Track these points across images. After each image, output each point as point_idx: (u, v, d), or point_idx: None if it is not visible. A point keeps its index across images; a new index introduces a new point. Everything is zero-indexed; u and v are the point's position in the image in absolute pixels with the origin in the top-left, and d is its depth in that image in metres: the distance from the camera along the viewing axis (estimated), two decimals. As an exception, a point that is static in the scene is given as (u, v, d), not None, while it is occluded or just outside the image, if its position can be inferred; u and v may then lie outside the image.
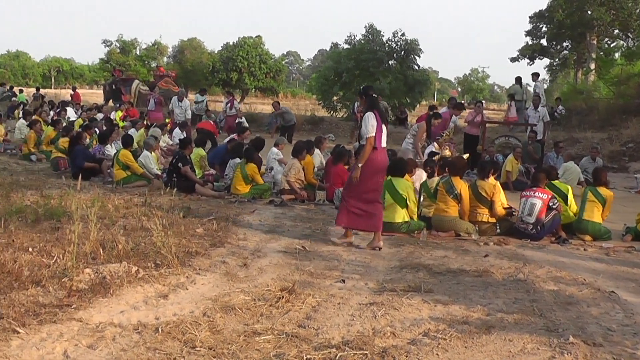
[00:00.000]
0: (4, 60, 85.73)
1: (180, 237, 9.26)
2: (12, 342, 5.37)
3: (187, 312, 6.38)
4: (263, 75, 65.92)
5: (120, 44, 75.83)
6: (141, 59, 75.04)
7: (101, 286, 6.90)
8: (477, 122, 20.89)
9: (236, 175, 14.02)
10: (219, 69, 65.95)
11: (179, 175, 14.28)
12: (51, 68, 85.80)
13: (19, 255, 7.77)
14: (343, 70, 37.35)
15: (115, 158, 15.30)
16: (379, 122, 9.80)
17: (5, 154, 20.65)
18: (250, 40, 67.58)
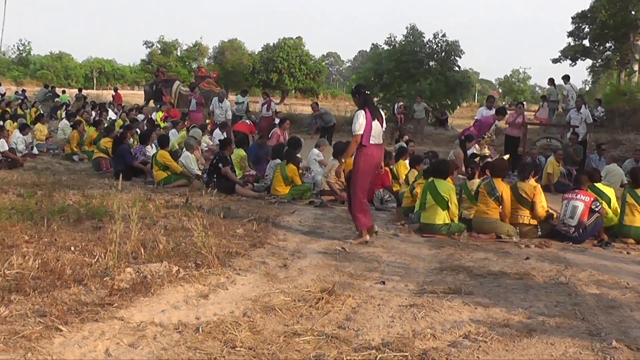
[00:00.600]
0: (47, 61, 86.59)
1: (221, 238, 9.30)
2: (54, 339, 5.43)
3: (227, 312, 6.40)
4: (303, 76, 66.05)
5: (161, 45, 76.36)
6: (182, 60, 75.48)
7: (142, 285, 6.95)
8: (518, 124, 20.76)
9: (276, 176, 14.04)
10: (259, 70, 66.20)
11: (219, 176, 14.34)
12: (93, 69, 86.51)
13: (62, 254, 7.86)
14: (383, 71, 37.32)
15: (154, 159, 15.39)
16: (368, 120, 10.01)
17: (48, 154, 20.87)
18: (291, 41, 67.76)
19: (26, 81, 72.34)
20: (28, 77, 79.25)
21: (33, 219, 9.79)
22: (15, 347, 5.21)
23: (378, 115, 10.28)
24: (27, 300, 6.31)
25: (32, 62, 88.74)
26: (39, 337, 5.41)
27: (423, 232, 10.94)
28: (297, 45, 67.80)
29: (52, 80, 69.87)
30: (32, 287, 6.67)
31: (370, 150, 10.14)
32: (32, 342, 5.30)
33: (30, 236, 8.85)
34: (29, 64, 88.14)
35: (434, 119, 35.02)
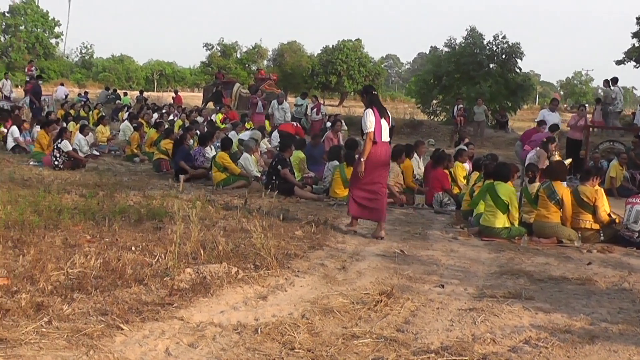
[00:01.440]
0: (108, 64, 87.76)
1: (280, 239, 9.33)
2: (116, 338, 5.49)
3: (285, 313, 6.41)
4: (362, 78, 66.06)
5: (221, 47, 76.88)
6: (241, 62, 75.89)
7: (202, 286, 7.00)
8: (580, 127, 20.50)
9: (335, 178, 14.03)
10: (318, 72, 66.35)
11: (278, 178, 14.38)
12: (154, 71, 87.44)
13: (123, 254, 7.96)
14: (443, 73, 37.14)
15: (213, 160, 15.50)
16: (377, 118, 10.44)
17: (109, 155, 21.15)
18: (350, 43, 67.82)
19: (89, 83, 73.44)
20: (90, 79, 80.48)
21: (95, 219, 9.93)
22: (78, 345, 5.29)
23: (385, 114, 10.67)
24: (89, 298, 6.40)
25: (95, 64, 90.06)
26: (100, 335, 5.48)
27: (482, 235, 10.84)
28: (356, 47, 67.85)
29: (113, 83, 70.76)
30: (94, 286, 6.77)
31: (379, 148, 10.50)
32: (94, 340, 5.37)
33: (92, 236, 8.99)
34: (91, 66, 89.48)
35: (494, 121, 34.70)
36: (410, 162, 14.97)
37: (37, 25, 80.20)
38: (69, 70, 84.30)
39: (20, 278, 6.87)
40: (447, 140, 30.25)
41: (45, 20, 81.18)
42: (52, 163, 17.03)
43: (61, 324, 5.66)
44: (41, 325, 5.59)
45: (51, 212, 10.20)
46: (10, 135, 20.41)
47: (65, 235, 8.91)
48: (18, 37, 78.51)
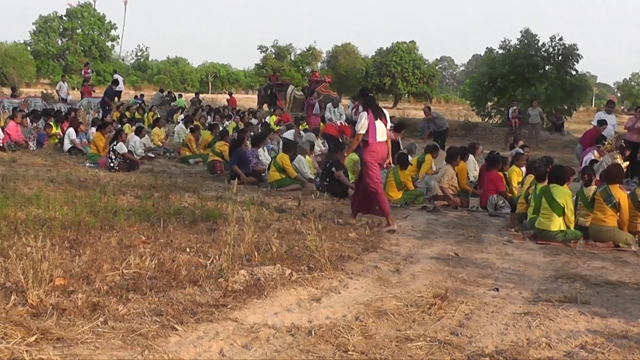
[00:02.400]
0: (164, 66, 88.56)
1: (333, 241, 9.34)
2: (170, 338, 5.53)
3: (339, 316, 6.40)
4: (416, 80, 65.83)
5: (275, 49, 77.11)
6: (296, 65, 76.03)
7: (256, 287, 7.02)
8: (637, 129, 20.17)
9: (389, 181, 13.97)
10: (373, 74, 66.26)
11: (332, 180, 14.37)
12: (208, 73, 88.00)
13: (177, 255, 8.03)
14: (498, 75, 36.79)
15: (273, 160, 15.55)
16: (371, 120, 11.00)
17: (164, 157, 21.31)
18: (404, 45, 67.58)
19: (144, 86, 74.16)
20: (146, 81, 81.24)
21: (150, 220, 10.03)
22: (133, 345, 5.34)
23: (381, 115, 11.20)
24: (144, 299, 6.47)
25: (150, 67, 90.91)
26: (155, 336, 5.53)
27: (538, 238, 10.73)
28: (410, 49, 67.60)
29: (168, 85, 71.46)
30: (149, 286, 6.83)
31: (375, 147, 11.07)
32: (149, 340, 5.42)
33: (147, 237, 9.08)
34: (146, 69, 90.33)
35: (550, 123, 34.28)
36: (465, 165, 14.84)
37: (93, 29, 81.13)
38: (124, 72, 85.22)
39: (77, 278, 6.96)
40: (502, 142, 30.00)
41: (101, 23, 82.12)
42: (108, 165, 17.23)
43: (117, 324, 5.72)
44: (97, 325, 5.65)
45: (107, 213, 10.33)
46: (67, 137, 20.71)
47: (120, 236, 9.01)
48: (75, 40, 79.52)
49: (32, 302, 6.05)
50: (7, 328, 5.35)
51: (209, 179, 16.47)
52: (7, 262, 7.28)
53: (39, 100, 30.57)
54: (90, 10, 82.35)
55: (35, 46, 77.71)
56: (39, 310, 5.95)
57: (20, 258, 7.11)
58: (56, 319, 5.72)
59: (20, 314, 5.80)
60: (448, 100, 77.09)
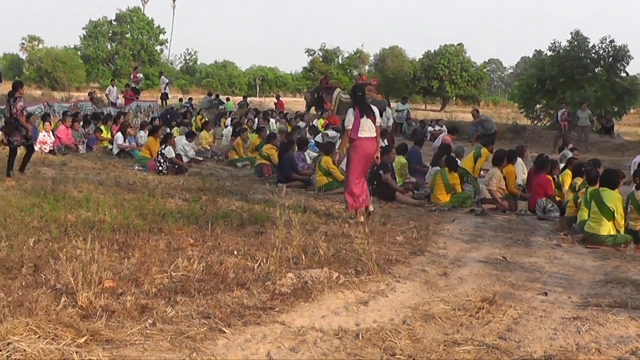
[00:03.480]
0: (212, 70, 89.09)
1: (381, 245, 9.31)
2: (218, 341, 5.56)
3: (386, 319, 6.39)
4: (464, 83, 65.56)
5: (323, 52, 77.14)
6: (343, 68, 76.04)
7: (303, 291, 7.03)
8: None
9: (437, 184, 13.92)
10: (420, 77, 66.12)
11: (379, 183, 14.35)
12: (256, 77, 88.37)
13: (225, 258, 8.07)
14: (546, 77, 36.46)
15: (318, 164, 15.55)
16: (357, 117, 11.59)
17: (212, 160, 21.44)
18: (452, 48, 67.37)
19: (192, 89, 74.68)
20: (194, 85, 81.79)
21: (198, 223, 10.10)
22: (181, 347, 5.37)
23: (368, 112, 11.70)
24: (192, 301, 6.51)
25: (198, 70, 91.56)
26: (203, 338, 5.56)
27: (587, 242, 10.60)
28: (458, 52, 67.34)
29: (216, 88, 71.79)
30: (196, 289, 6.88)
31: (360, 142, 11.64)
32: (196, 343, 5.46)
33: (195, 240, 9.13)
34: (195, 72, 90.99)
35: (599, 126, 33.86)
36: (513, 168, 14.72)
37: (142, 33, 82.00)
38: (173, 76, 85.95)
39: (126, 280, 7.03)
40: (551, 145, 29.72)
41: (150, 27, 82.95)
42: (157, 168, 17.39)
43: (165, 326, 5.76)
44: (145, 326, 5.70)
45: (155, 216, 10.43)
46: (115, 141, 20.95)
47: (169, 238, 9.09)
48: (124, 45, 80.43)
49: (81, 304, 6.13)
50: (57, 329, 5.42)
51: (257, 182, 16.52)
52: (57, 264, 7.38)
53: (89, 104, 30.91)
54: (139, 14, 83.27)
55: (85, 51, 78.77)
56: (89, 312, 6.02)
57: (70, 260, 7.20)
58: (105, 320, 5.78)
59: (70, 316, 5.87)
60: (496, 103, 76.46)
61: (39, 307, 6.06)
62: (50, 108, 27.20)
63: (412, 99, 61.49)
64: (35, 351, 5.04)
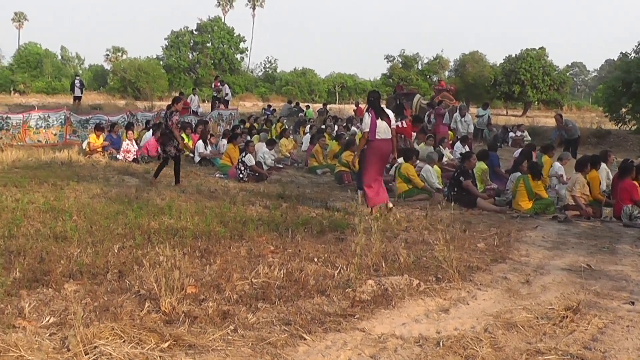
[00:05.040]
0: (291, 77, 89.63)
1: (461, 252, 9.22)
2: (299, 347, 5.58)
3: (468, 327, 6.33)
4: (546, 87, 64.65)
5: (402, 58, 77.08)
6: (422, 74, 75.87)
7: (383, 298, 7.01)
8: None
9: (519, 190, 13.74)
10: (501, 82, 65.46)
11: (460, 189, 14.24)
12: (336, 84, 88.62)
13: (305, 265, 8.09)
14: (632, 80, 35.69)
15: (397, 171, 15.49)
16: (373, 119, 12.39)
17: (292, 167, 21.54)
18: (534, 52, 66.53)
19: (272, 97, 75.23)
20: (274, 93, 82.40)
21: (278, 230, 10.16)
22: (262, 353, 5.41)
23: (383, 115, 12.51)
24: (273, 308, 6.55)
25: (278, 78, 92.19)
26: (284, 345, 5.59)
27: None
28: (540, 55, 66.44)
29: (296, 96, 72.29)
30: (277, 295, 6.92)
31: (376, 144, 12.46)
32: (277, 349, 5.49)
33: (276, 247, 9.18)
34: (274, 80, 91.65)
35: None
36: (597, 173, 14.45)
37: (223, 42, 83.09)
38: (252, 84, 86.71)
39: (208, 287, 7.11)
40: (637, 150, 29.12)
41: (230, 36, 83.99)
42: (237, 176, 17.56)
43: (246, 332, 5.81)
44: (227, 332, 5.76)
45: (236, 223, 10.53)
46: (197, 149, 21.22)
47: (249, 245, 9.15)
48: (205, 54, 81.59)
49: (165, 310, 6.22)
50: (141, 334, 5.51)
51: (337, 189, 16.54)
52: (141, 270, 7.51)
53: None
54: (220, 24, 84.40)
55: (167, 60, 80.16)
56: (172, 318, 6.11)
57: (153, 266, 7.32)
58: (188, 326, 5.87)
59: (154, 321, 5.97)
60: (580, 107, 75.23)
61: (124, 312, 6.18)
62: (134, 117, 27.77)
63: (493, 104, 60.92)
64: (121, 355, 5.15)
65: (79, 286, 7.14)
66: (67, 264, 7.82)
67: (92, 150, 20.76)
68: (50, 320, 6.06)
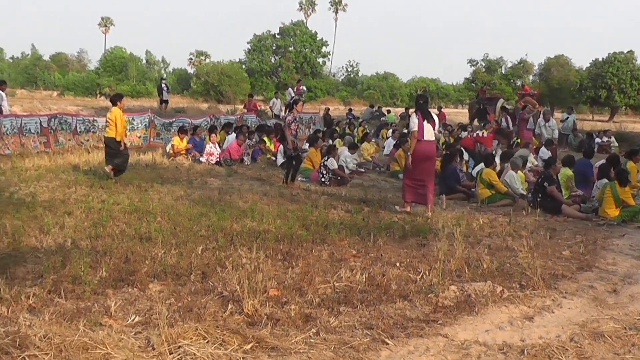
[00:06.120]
0: (373, 81, 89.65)
1: (546, 259, 9.07)
2: (381, 352, 5.57)
3: (553, 336, 6.22)
4: (634, 92, 63.43)
5: (485, 63, 76.39)
6: (506, 78, 75.07)
7: (466, 304, 6.95)
8: None
9: (606, 197, 13.47)
10: (587, 87, 64.51)
11: (544, 196, 14.03)
12: (417, 88, 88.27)
13: (387, 270, 8.07)
14: None
15: (479, 176, 15.35)
16: (420, 121, 12.83)
17: (374, 172, 21.50)
18: (621, 55, 65.34)
19: (353, 101, 75.38)
20: (355, 97, 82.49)
21: (360, 234, 10.15)
22: (345, 357, 5.41)
23: (429, 118, 12.97)
24: (355, 312, 6.55)
25: (360, 82, 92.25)
26: (366, 349, 5.58)
27: None
28: (628, 59, 65.22)
29: (377, 100, 72.21)
30: (359, 300, 6.91)
31: (422, 145, 12.86)
32: (360, 353, 5.48)
33: (358, 251, 9.17)
34: (356, 84, 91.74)
35: None
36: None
37: (305, 46, 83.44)
38: (334, 88, 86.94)
39: (290, 289, 7.14)
40: None
41: (313, 40, 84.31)
42: (319, 179, 17.60)
43: (328, 336, 5.81)
44: (309, 335, 5.78)
45: (318, 226, 10.55)
46: (280, 152, 21.32)
47: (331, 249, 9.16)
48: (287, 58, 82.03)
49: (247, 312, 6.27)
50: (224, 335, 5.56)
51: (419, 194, 16.46)
52: (224, 272, 7.58)
53: (254, 117, 31.61)
54: (302, 28, 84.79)
55: (250, 64, 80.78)
56: (254, 320, 6.15)
57: (236, 269, 7.37)
58: (270, 328, 5.90)
59: (237, 322, 6.01)
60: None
61: (207, 313, 6.25)
62: (217, 120, 28.05)
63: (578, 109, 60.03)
64: (204, 355, 5.20)
65: (163, 286, 7.25)
66: (152, 265, 7.94)
67: (176, 153, 21.00)
68: (135, 319, 6.16)
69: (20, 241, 9.02)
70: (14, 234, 9.32)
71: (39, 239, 9.27)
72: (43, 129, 21.82)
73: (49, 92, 72.55)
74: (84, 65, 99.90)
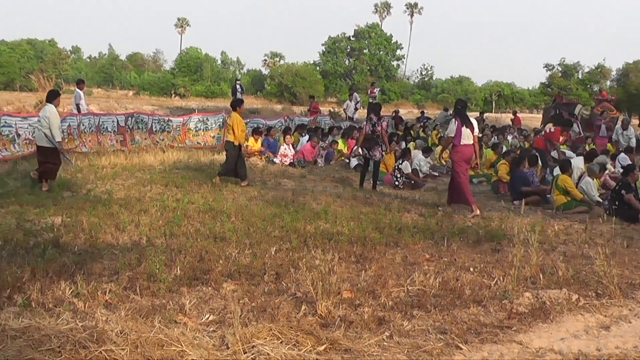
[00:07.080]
0: (447, 85, 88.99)
1: (623, 268, 8.92)
2: (455, 357, 5.56)
3: (630, 346, 6.12)
4: None
5: (562, 67, 75.40)
6: (583, 83, 73.96)
7: (541, 311, 6.89)
8: None
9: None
10: (666, 93, 62.97)
11: (621, 203, 13.78)
12: (492, 92, 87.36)
13: (461, 274, 8.04)
14: None
15: (554, 183, 15.15)
16: (458, 126, 13.63)
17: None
18: None
19: (427, 104, 74.87)
20: (429, 100, 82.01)
21: (434, 239, 10.13)
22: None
23: (467, 123, 13.73)
24: (428, 316, 6.54)
25: (434, 85, 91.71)
26: (440, 353, 5.57)
27: None
28: None
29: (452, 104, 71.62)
30: (432, 304, 6.90)
31: (462, 148, 13.69)
32: (433, 357, 5.48)
33: (431, 255, 9.16)
34: (430, 87, 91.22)
35: None
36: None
37: (380, 48, 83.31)
38: (408, 91, 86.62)
39: (363, 292, 7.17)
40: None
41: (388, 43, 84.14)
42: (393, 182, 17.59)
43: (402, 339, 5.82)
44: (383, 338, 5.79)
45: (391, 229, 10.56)
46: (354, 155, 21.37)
47: (405, 253, 9.16)
48: (362, 60, 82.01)
49: (321, 313, 6.31)
50: (298, 336, 5.60)
51: (493, 199, 16.38)
52: (297, 273, 7.64)
53: (327, 119, 31.72)
54: (377, 30, 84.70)
55: (324, 66, 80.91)
56: (328, 321, 6.18)
57: (309, 270, 7.39)
58: (344, 330, 5.92)
59: (310, 324, 6.05)
60: None
61: (281, 313, 6.30)
62: (292, 122, 28.20)
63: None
64: (278, 356, 5.25)
65: (237, 286, 7.33)
66: (226, 264, 8.04)
67: (250, 154, 21.15)
68: (209, 318, 6.25)
69: (97, 238, 9.23)
70: (91, 231, 9.54)
71: (115, 236, 9.47)
72: (120, 127, 22.24)
73: (124, 91, 73.67)
74: (159, 66, 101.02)
